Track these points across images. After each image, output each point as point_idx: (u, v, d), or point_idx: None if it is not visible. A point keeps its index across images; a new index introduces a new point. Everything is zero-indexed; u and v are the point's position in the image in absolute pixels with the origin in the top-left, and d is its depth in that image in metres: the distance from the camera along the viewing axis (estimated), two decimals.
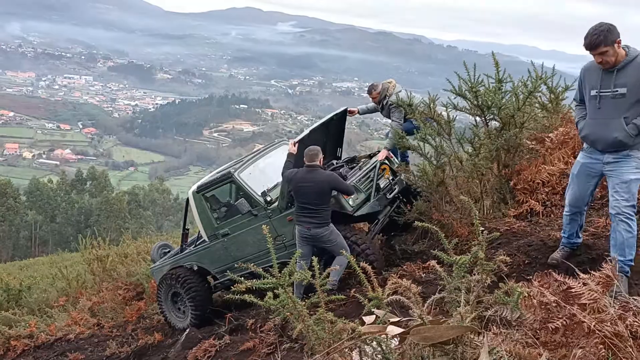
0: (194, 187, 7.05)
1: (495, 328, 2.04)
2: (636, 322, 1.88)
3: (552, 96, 6.32)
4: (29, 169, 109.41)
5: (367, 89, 7.07)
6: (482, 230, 2.21)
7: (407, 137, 6.50)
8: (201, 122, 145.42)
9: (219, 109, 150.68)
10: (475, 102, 5.76)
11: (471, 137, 5.90)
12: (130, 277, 10.08)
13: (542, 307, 1.97)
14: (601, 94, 3.71)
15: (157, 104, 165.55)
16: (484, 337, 1.89)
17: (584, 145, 4.01)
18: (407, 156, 7.11)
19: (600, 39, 3.58)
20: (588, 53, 3.69)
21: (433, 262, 2.32)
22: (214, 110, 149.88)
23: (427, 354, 1.89)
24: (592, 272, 2.37)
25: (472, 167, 5.78)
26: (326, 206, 5.74)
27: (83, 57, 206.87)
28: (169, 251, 8.34)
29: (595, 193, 5.35)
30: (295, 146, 6.08)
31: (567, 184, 5.60)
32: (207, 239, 7.02)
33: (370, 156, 7.16)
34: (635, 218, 3.68)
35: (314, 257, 2.47)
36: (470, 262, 2.10)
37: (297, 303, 2.18)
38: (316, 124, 6.86)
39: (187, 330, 6.81)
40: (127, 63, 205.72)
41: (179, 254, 7.62)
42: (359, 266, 2.35)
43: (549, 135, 5.78)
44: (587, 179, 3.96)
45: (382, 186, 6.45)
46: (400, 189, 6.66)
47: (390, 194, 6.49)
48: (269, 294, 2.33)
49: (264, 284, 2.22)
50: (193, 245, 7.59)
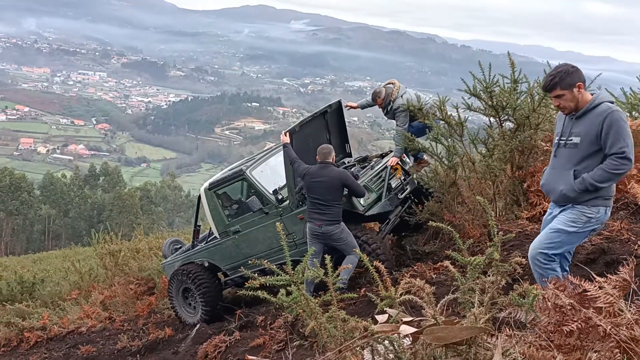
0: (206, 184, 7.08)
1: (508, 330, 2.02)
2: None
3: None
4: (43, 163, 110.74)
5: (387, 87, 6.87)
6: (498, 231, 2.19)
7: (418, 138, 6.47)
8: (213, 119, 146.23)
9: (231, 106, 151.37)
10: (490, 103, 5.72)
11: (485, 137, 5.86)
12: (141, 272, 10.15)
13: (557, 309, 1.95)
14: (560, 141, 3.51)
15: (169, 101, 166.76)
16: (497, 338, 1.88)
17: None
18: (421, 157, 6.98)
19: (556, 81, 3.37)
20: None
21: (447, 263, 2.31)
22: (226, 108, 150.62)
23: (439, 354, 1.89)
24: (608, 275, 2.35)
25: (485, 168, 5.75)
26: (337, 203, 5.76)
27: (97, 54, 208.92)
28: (180, 247, 8.39)
29: None
30: (286, 136, 6.10)
31: None
32: (218, 236, 7.05)
33: (382, 156, 7.15)
34: (549, 266, 3.41)
35: (326, 255, 2.47)
36: (485, 263, 2.09)
37: (310, 300, 2.19)
38: (308, 116, 6.86)
39: (198, 325, 6.85)
40: (140, 60, 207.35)
41: (190, 250, 7.66)
42: (372, 265, 2.35)
43: None
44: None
45: (393, 186, 6.44)
46: (412, 189, 6.63)
47: (401, 194, 6.47)
48: (282, 291, 2.33)
49: (277, 281, 2.23)
50: (204, 242, 7.62)
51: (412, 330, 1.82)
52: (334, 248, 5.80)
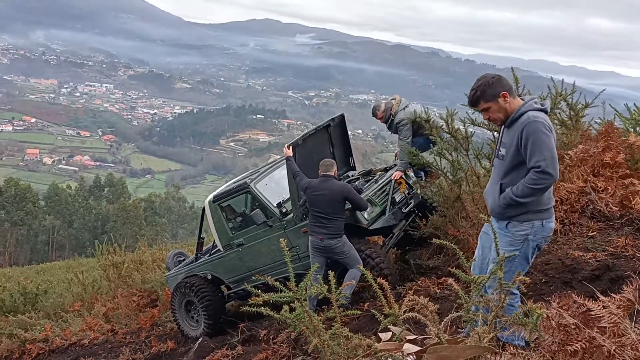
0: (210, 197, 7.10)
1: (512, 349, 2.01)
2: None
3: (572, 113, 6.26)
4: (48, 174, 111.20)
5: (387, 102, 6.92)
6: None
7: (422, 153, 6.46)
8: (218, 131, 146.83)
9: (236, 119, 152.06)
10: None
11: (489, 152, 5.85)
12: (145, 284, 10.14)
13: (561, 329, 1.94)
14: (495, 152, 3.38)
15: (175, 112, 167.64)
16: (501, 357, 1.87)
17: None
18: (421, 175, 6.92)
19: (478, 95, 3.22)
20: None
21: (450, 280, 2.31)
22: (231, 120, 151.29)
23: None
24: (612, 294, 2.33)
25: None
26: (339, 216, 5.76)
27: (104, 66, 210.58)
28: (183, 259, 8.38)
29: (615, 212, 5.29)
30: (289, 149, 6.11)
31: (585, 202, 5.57)
32: (221, 249, 7.05)
33: (386, 169, 7.15)
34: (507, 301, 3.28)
35: (330, 272, 2.47)
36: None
37: (314, 317, 2.18)
38: (311, 129, 6.90)
39: (200, 339, 6.82)
40: (147, 72, 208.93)
41: (194, 262, 7.66)
42: (375, 281, 2.34)
43: (568, 152, 5.72)
44: (484, 247, 3.48)
45: (397, 200, 6.43)
46: (416, 203, 6.62)
47: (405, 208, 6.46)
48: (285, 307, 2.33)
49: (281, 298, 2.23)
50: (208, 255, 7.62)
51: (416, 349, 1.81)
52: (336, 261, 5.80)
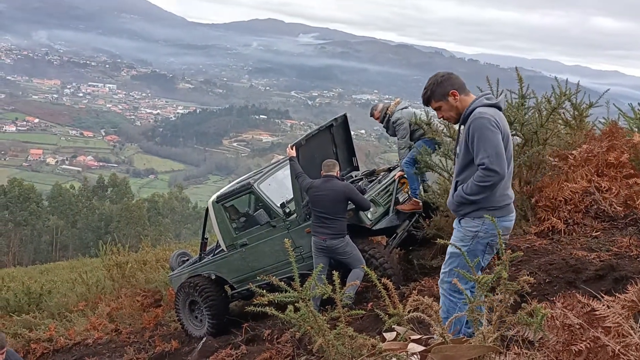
0: (214, 197, 7.12)
1: (517, 348, 2.01)
2: None
3: (576, 113, 6.25)
4: (52, 174, 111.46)
5: (387, 101, 7.01)
6: (506, 250, 2.19)
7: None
8: (221, 131, 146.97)
9: (239, 119, 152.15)
10: None
11: None
12: (148, 284, 10.17)
13: (565, 328, 1.94)
14: (454, 150, 3.38)
15: (178, 113, 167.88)
16: (505, 357, 1.87)
17: None
18: (426, 178, 6.84)
19: (428, 94, 3.23)
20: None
21: (455, 280, 2.31)
22: (234, 120, 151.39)
23: None
24: (616, 294, 2.33)
25: None
26: (342, 216, 5.77)
27: (107, 66, 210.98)
28: (187, 259, 8.41)
29: (619, 211, 5.28)
30: (293, 150, 6.12)
31: (589, 202, 5.56)
32: (225, 249, 7.07)
33: (390, 169, 7.16)
34: (455, 297, 3.20)
35: (334, 272, 2.48)
36: (493, 281, 2.08)
37: (318, 317, 2.19)
38: (314, 129, 6.91)
39: (204, 339, 6.84)
40: (150, 72, 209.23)
41: (197, 262, 7.68)
42: (379, 281, 2.35)
43: (572, 152, 5.72)
44: None
45: (401, 200, 6.43)
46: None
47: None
48: (290, 307, 2.34)
49: (285, 298, 2.23)
50: (211, 255, 7.64)
51: (420, 348, 1.82)
52: (339, 262, 5.81)
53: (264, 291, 2.34)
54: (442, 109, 3.25)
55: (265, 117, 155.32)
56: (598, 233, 5.03)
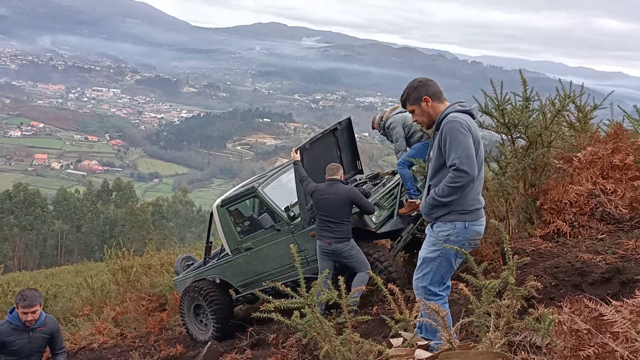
0: (218, 201, 7.12)
1: (524, 353, 2.00)
2: None
3: (580, 115, 6.23)
4: (57, 179, 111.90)
5: (390, 103, 7.00)
6: (512, 255, 2.18)
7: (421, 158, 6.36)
8: (225, 135, 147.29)
9: (242, 122, 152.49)
10: (502, 120, 5.72)
11: (497, 155, 5.84)
12: (153, 288, 10.17)
13: (573, 334, 1.93)
14: (427, 155, 3.48)
15: (182, 117, 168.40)
16: None
17: None
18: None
19: (404, 98, 3.40)
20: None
21: (461, 285, 2.30)
22: (238, 124, 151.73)
23: None
24: (623, 297, 2.32)
25: (497, 186, 5.72)
26: (347, 220, 5.76)
27: (112, 71, 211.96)
28: (192, 263, 8.41)
29: (625, 214, 5.25)
30: (297, 154, 6.12)
31: (595, 205, 5.53)
32: (230, 253, 7.07)
33: (394, 172, 7.14)
34: (431, 299, 3.19)
35: (340, 277, 2.48)
36: (500, 286, 2.07)
37: (324, 323, 2.19)
38: (318, 133, 6.91)
39: (209, 343, 6.83)
40: (154, 77, 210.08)
41: (202, 266, 7.68)
42: (385, 286, 2.34)
43: (577, 154, 5.69)
44: None
45: (405, 203, 6.41)
46: None
47: (413, 212, 6.44)
48: (296, 312, 2.33)
49: (291, 304, 2.23)
50: (216, 259, 7.64)
51: (428, 354, 1.81)
52: (344, 265, 5.80)
53: (269, 297, 2.34)
54: (416, 113, 3.41)
55: (269, 120, 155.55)
56: (604, 236, 5.00)
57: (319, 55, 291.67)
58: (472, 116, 3.29)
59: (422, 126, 3.53)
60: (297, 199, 6.41)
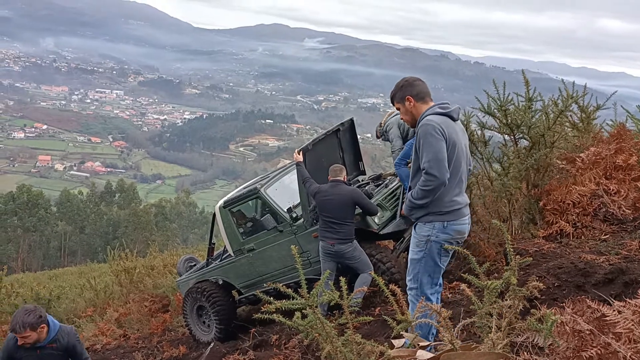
0: (221, 202, 7.12)
1: (526, 354, 2.00)
2: None
3: (584, 115, 6.22)
4: (60, 180, 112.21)
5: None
6: (515, 255, 2.18)
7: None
8: (228, 136, 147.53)
9: (245, 123, 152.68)
10: (505, 121, 5.71)
11: (500, 156, 5.83)
12: (156, 289, 10.18)
13: (576, 334, 1.92)
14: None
15: (185, 118, 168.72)
16: None
17: None
18: None
19: (391, 96, 3.49)
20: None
21: (463, 286, 2.30)
22: (240, 125, 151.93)
23: None
24: (626, 298, 2.31)
25: (500, 187, 5.71)
26: (350, 221, 5.76)
27: (114, 72, 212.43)
28: (194, 265, 8.41)
29: (628, 214, 5.23)
30: (300, 155, 6.12)
31: (598, 205, 5.51)
32: (232, 254, 7.07)
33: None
34: (417, 301, 3.26)
35: (342, 278, 2.48)
36: (502, 287, 2.07)
37: (326, 324, 2.19)
38: (321, 134, 6.91)
39: (212, 344, 6.83)
40: (156, 78, 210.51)
41: (205, 267, 7.68)
42: (387, 287, 2.34)
43: (580, 155, 5.68)
44: None
45: None
46: None
47: None
48: (297, 313, 2.33)
49: (293, 305, 2.23)
50: (219, 260, 7.65)
51: (429, 355, 1.81)
52: (347, 266, 5.79)
53: (271, 298, 2.34)
54: (401, 111, 3.50)
55: (272, 121, 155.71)
56: (607, 236, 4.99)
57: (322, 57, 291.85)
58: (452, 118, 3.32)
59: (408, 124, 3.57)
60: (299, 200, 6.41)
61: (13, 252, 45.26)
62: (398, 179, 6.68)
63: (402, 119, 3.57)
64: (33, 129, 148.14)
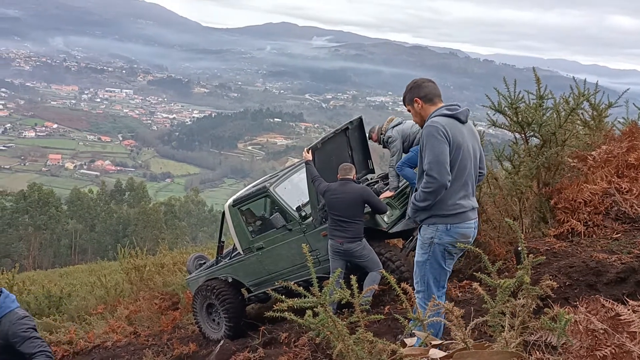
0: (230, 201, 7.15)
1: (539, 353, 1.99)
2: None
3: (595, 113, 6.17)
4: (70, 179, 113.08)
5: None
6: (528, 254, 2.17)
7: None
8: (236, 135, 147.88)
9: (253, 122, 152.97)
10: (515, 119, 5.67)
11: (510, 154, 5.80)
12: (166, 287, 10.23)
13: (589, 333, 1.91)
14: None
15: (194, 117, 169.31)
16: None
17: None
18: None
19: (403, 97, 3.54)
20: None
21: (475, 285, 2.29)
22: (249, 124, 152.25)
23: None
24: (639, 297, 2.29)
25: (511, 185, 5.68)
26: (359, 219, 5.75)
27: (124, 71, 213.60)
28: (204, 262, 8.45)
29: None
30: (309, 153, 6.11)
31: (610, 204, 5.47)
32: (242, 252, 7.09)
33: None
34: (425, 305, 3.22)
35: (352, 276, 2.48)
36: (515, 285, 2.06)
37: (338, 322, 2.19)
38: (330, 132, 6.90)
39: (221, 342, 6.86)
40: (166, 77, 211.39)
41: (214, 265, 7.71)
42: (398, 285, 2.34)
43: (592, 153, 5.63)
44: None
45: None
46: None
47: None
48: (308, 312, 2.34)
49: (304, 303, 2.24)
50: (228, 258, 7.67)
51: (442, 354, 1.80)
52: (356, 265, 5.79)
53: (282, 296, 2.34)
54: (411, 113, 3.52)
55: (280, 120, 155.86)
56: (619, 235, 4.94)
57: (330, 55, 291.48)
58: (460, 120, 3.30)
59: (419, 126, 3.58)
60: (308, 199, 6.42)
61: (24, 250, 45.71)
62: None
63: (414, 120, 3.60)
64: (44, 128, 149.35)
